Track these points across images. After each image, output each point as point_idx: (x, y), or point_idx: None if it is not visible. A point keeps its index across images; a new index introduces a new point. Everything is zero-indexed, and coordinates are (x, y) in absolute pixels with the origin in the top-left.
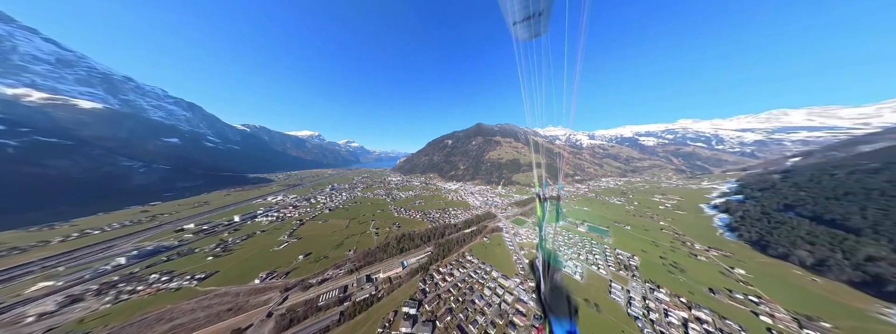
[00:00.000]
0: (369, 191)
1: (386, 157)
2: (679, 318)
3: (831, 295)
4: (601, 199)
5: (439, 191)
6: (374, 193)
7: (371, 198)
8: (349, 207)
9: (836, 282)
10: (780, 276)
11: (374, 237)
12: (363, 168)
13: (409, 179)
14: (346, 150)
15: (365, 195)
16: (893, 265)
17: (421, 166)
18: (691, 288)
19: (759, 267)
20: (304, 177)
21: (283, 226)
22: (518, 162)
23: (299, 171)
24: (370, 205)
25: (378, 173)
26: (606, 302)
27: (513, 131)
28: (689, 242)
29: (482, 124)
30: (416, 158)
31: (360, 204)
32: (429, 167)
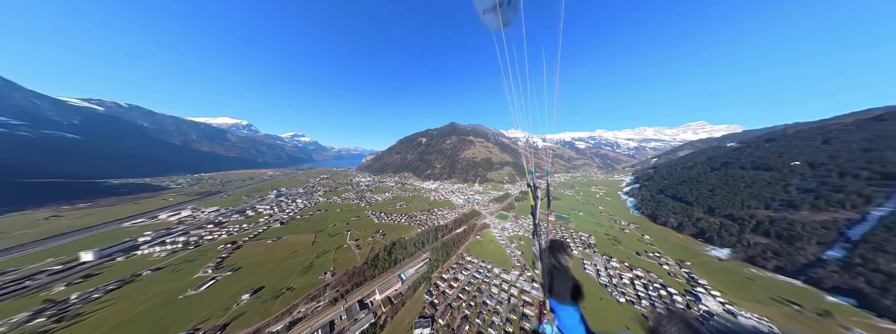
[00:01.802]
0: (335, 195)
1: (347, 155)
2: (628, 278)
3: (688, 245)
4: (559, 192)
5: (419, 191)
6: (343, 198)
7: (339, 204)
8: (310, 217)
9: (688, 237)
10: (666, 237)
11: (356, 251)
12: (320, 167)
13: (382, 179)
14: (292, 146)
15: (330, 200)
16: (707, 222)
17: (393, 165)
18: (627, 254)
19: (654, 232)
20: (227, 180)
21: (201, 255)
22: (491, 161)
23: (218, 173)
24: (341, 213)
25: (341, 173)
26: (582, 276)
27: (483, 132)
28: (617, 220)
29: (456, 123)
30: (387, 157)
31: (327, 211)
32: (403, 166)
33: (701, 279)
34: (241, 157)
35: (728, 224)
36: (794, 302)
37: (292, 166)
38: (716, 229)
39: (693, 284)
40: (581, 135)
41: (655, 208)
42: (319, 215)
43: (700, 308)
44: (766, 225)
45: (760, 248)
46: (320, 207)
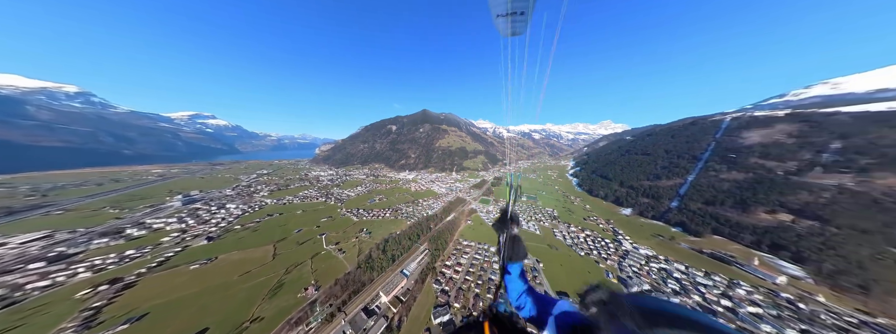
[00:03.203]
0: (288, 193)
1: (293, 145)
2: (582, 237)
3: (611, 208)
4: (526, 176)
5: (396, 182)
6: (302, 196)
7: (299, 205)
8: (258, 225)
9: (610, 203)
10: (598, 205)
11: (340, 256)
12: (253, 161)
13: (349, 172)
14: (193, 132)
15: (282, 201)
16: (619, 191)
17: (360, 155)
18: (578, 220)
19: (592, 202)
20: (50, 185)
21: (30, 317)
22: (465, 150)
23: (23, 175)
24: (305, 215)
25: (288, 167)
26: (556, 242)
27: (456, 121)
28: (568, 196)
29: (428, 111)
30: (350, 146)
31: (283, 215)
32: (372, 156)
33: (619, 230)
34: (75, 148)
35: (629, 191)
36: (660, 234)
37: (201, 159)
38: (623, 196)
39: (615, 234)
40: (535, 128)
41: (591, 185)
42: (272, 221)
43: (621, 249)
44: (647, 190)
45: (644, 205)
46: (270, 211)
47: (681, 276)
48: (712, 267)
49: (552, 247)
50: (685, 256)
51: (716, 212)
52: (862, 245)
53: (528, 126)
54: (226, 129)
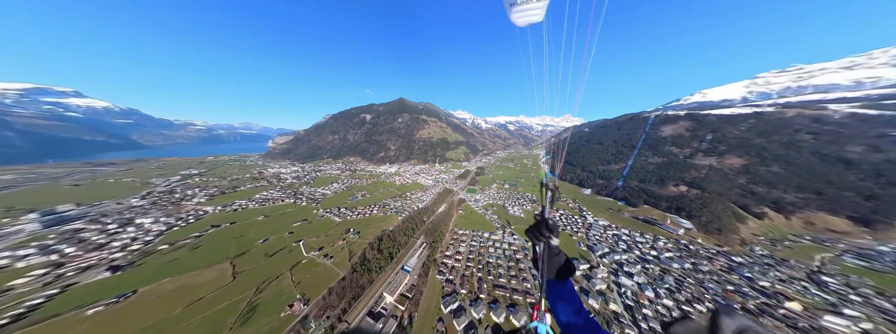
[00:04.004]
0: (237, 197)
1: (232, 137)
2: (558, 216)
3: (576, 190)
4: (505, 166)
5: (378, 176)
6: (260, 199)
7: (257, 210)
8: (199, 240)
9: (576, 186)
10: (567, 188)
11: (327, 262)
12: (167, 159)
13: (319, 167)
14: (40, 116)
15: (231, 207)
16: (582, 175)
17: (330, 148)
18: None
19: (562, 186)
20: None
21: None
22: (447, 141)
23: None
24: (269, 221)
25: (232, 165)
26: None
27: (435, 111)
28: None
29: (406, 100)
30: (315, 138)
31: (236, 224)
32: (344, 149)
33: (583, 207)
34: None
35: (589, 175)
36: (611, 208)
37: (63, 158)
38: (585, 178)
39: (581, 211)
40: (510, 120)
41: (562, 171)
42: (220, 234)
43: (587, 223)
44: (601, 173)
45: (600, 186)
46: (213, 221)
47: (626, 238)
48: (644, 228)
49: None
50: (628, 223)
51: (645, 187)
52: (717, 203)
53: (504, 117)
54: (109, 114)
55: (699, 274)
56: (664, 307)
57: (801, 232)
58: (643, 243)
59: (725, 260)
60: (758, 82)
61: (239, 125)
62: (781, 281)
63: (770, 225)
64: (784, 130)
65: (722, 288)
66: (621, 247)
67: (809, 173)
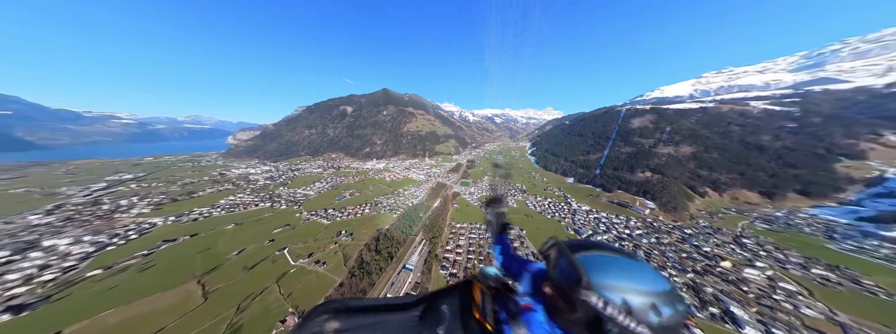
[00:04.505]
0: (199, 204)
1: (178, 132)
2: (545, 204)
3: (560, 179)
4: (493, 157)
5: (365, 173)
6: (225, 206)
7: (225, 218)
8: (151, 258)
9: (560, 175)
10: (552, 178)
11: (320, 269)
12: (79, 161)
13: (296, 166)
14: None
15: (187, 216)
16: (565, 165)
17: (307, 144)
18: (540, 190)
19: (548, 175)
20: None
21: None
22: (436, 134)
23: None
24: (240, 230)
25: (182, 166)
26: (530, 211)
27: (422, 103)
28: (530, 172)
29: (390, 90)
30: (287, 132)
31: (200, 237)
32: (324, 145)
33: (568, 195)
34: None
35: (571, 165)
36: (591, 194)
37: None
38: (567, 168)
39: (566, 198)
40: (497, 113)
41: (546, 161)
42: (179, 249)
43: (572, 209)
44: (582, 162)
45: (581, 174)
46: (167, 235)
47: (605, 220)
48: (618, 211)
49: (528, 215)
50: (605, 207)
51: (619, 174)
52: (673, 186)
53: (491, 110)
54: (11, 108)
55: (661, 246)
56: None
57: (729, 205)
58: (618, 224)
59: (679, 232)
60: (701, 81)
61: (185, 119)
62: (717, 245)
63: (709, 201)
64: (720, 123)
65: (678, 256)
66: (602, 229)
67: (736, 158)
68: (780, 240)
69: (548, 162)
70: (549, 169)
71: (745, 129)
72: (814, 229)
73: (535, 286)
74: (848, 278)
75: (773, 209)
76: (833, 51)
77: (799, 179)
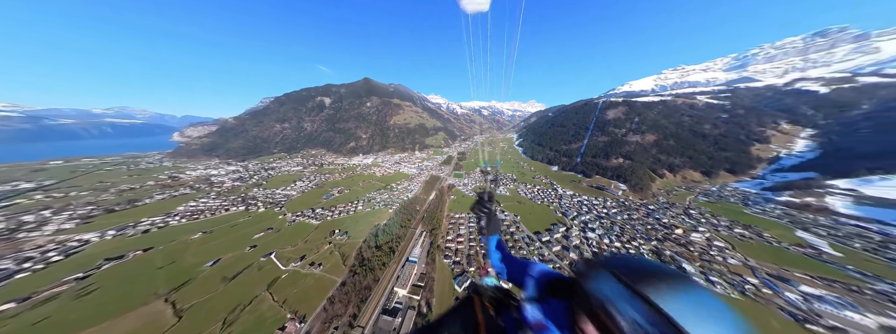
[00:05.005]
0: (149, 213)
1: (96, 129)
2: (535, 191)
3: (546, 167)
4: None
5: (353, 169)
6: (184, 214)
7: (189, 226)
8: (90, 281)
9: (545, 163)
10: (539, 166)
11: (316, 270)
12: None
13: (269, 165)
14: None
15: (135, 229)
16: (550, 154)
17: (280, 140)
18: (529, 179)
19: (535, 164)
20: None
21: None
22: (425, 127)
23: None
24: (211, 238)
25: (114, 170)
26: (522, 198)
27: (408, 94)
28: (519, 162)
29: (372, 80)
30: (253, 127)
31: (157, 250)
32: (301, 140)
33: (554, 182)
34: None
35: (556, 154)
36: (574, 180)
37: None
38: (552, 157)
39: (552, 185)
40: (484, 105)
41: (533, 151)
42: (127, 268)
43: (558, 194)
44: (565, 151)
45: (564, 162)
46: (109, 252)
47: (587, 203)
48: (597, 194)
49: (520, 202)
50: (586, 191)
51: (597, 161)
52: (640, 170)
53: (477, 103)
54: None
55: (632, 221)
56: (615, 247)
57: (680, 184)
58: (598, 205)
59: (645, 209)
60: (661, 77)
61: (106, 111)
62: (672, 217)
63: (666, 182)
64: (675, 114)
65: (645, 228)
66: (584, 210)
67: (686, 144)
68: (714, 209)
69: (534, 152)
70: (535, 158)
71: (693, 119)
72: (736, 199)
73: (541, 290)
74: (755, 233)
75: (710, 185)
76: (753, 54)
77: (728, 160)
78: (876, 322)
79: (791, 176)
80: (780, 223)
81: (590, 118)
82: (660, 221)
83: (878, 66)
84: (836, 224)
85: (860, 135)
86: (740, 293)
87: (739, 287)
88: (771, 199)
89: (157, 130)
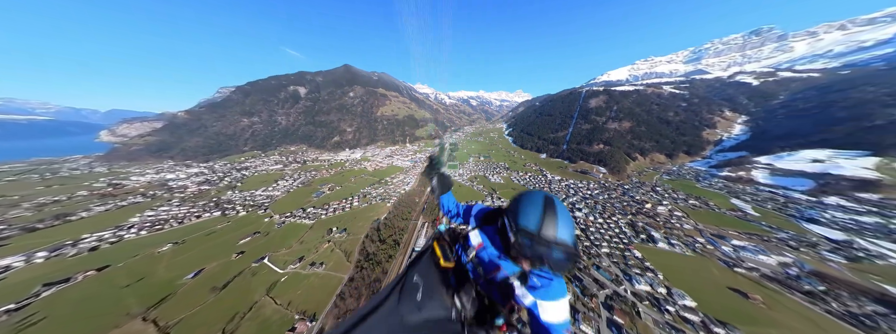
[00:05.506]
0: (80, 230)
1: None
2: (526, 178)
3: (535, 155)
4: (476, 140)
5: (341, 165)
6: (141, 225)
7: (150, 238)
8: (37, 307)
9: (534, 151)
10: (529, 154)
11: (319, 269)
12: None
13: (241, 164)
14: None
15: (83, 246)
16: (538, 142)
17: (250, 137)
18: (520, 167)
19: (525, 153)
20: None
21: None
22: (414, 118)
23: None
24: (183, 252)
25: (20, 181)
26: (515, 184)
27: (394, 84)
28: (510, 151)
29: (353, 68)
30: (213, 122)
31: (123, 265)
32: (275, 136)
33: (543, 169)
34: None
35: (544, 142)
36: (561, 166)
37: None
38: (541, 145)
39: (542, 172)
40: (472, 95)
41: (522, 141)
42: (78, 292)
43: (547, 180)
44: (552, 139)
45: (552, 150)
46: (43, 278)
47: (573, 186)
48: (582, 177)
49: (514, 189)
50: (572, 175)
51: (581, 148)
52: (618, 154)
53: (466, 93)
54: None
55: (612, 199)
56: (598, 225)
57: (649, 166)
58: (582, 188)
59: (621, 188)
60: (634, 67)
61: None
62: (643, 194)
63: (638, 164)
64: (646, 102)
65: (622, 205)
66: (571, 193)
67: (654, 130)
68: (674, 185)
69: (523, 141)
70: (525, 147)
71: (660, 108)
72: (690, 176)
73: (479, 221)
74: (703, 203)
75: (671, 165)
76: (705, 48)
77: (685, 144)
78: (776, 260)
79: (730, 155)
80: (721, 193)
81: (574, 107)
82: (633, 198)
83: (792, 62)
84: (757, 191)
85: (777, 120)
86: (692, 250)
87: (691, 245)
88: (715, 175)
89: (72, 129)
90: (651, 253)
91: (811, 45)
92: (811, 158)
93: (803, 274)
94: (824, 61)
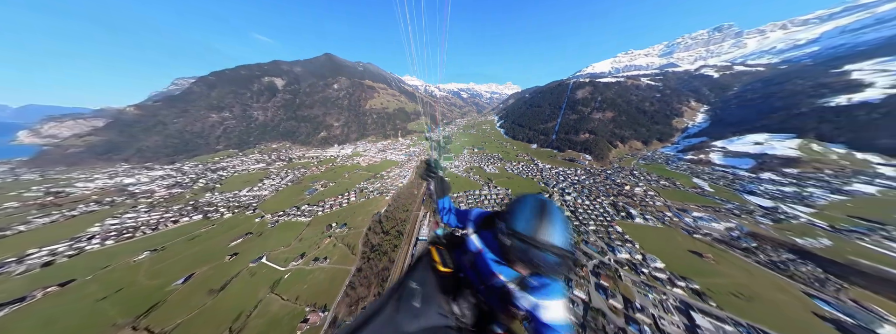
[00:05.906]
0: (31, 245)
1: None
2: (519, 168)
3: (527, 145)
4: (469, 132)
5: (331, 161)
6: (105, 236)
7: (119, 248)
8: None
9: (526, 142)
10: (521, 145)
11: (323, 264)
12: None
13: (216, 164)
14: None
15: (33, 261)
16: (529, 133)
17: (221, 134)
18: (513, 157)
19: (517, 144)
20: None
21: None
22: (404, 111)
23: None
24: (164, 259)
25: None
26: (510, 174)
27: (382, 76)
28: (503, 143)
29: (335, 57)
30: (172, 119)
31: (94, 278)
32: (253, 133)
33: (535, 158)
34: None
35: (534, 133)
36: (551, 155)
37: None
38: (531, 136)
39: (533, 161)
40: (463, 87)
41: (514, 132)
42: (41, 311)
43: (539, 168)
44: (542, 130)
45: (542, 140)
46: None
47: (561, 173)
48: (570, 165)
49: (509, 178)
50: (561, 163)
51: (569, 137)
52: (601, 142)
53: (456, 85)
54: None
55: (596, 184)
56: (585, 206)
57: (628, 152)
58: (570, 174)
59: (604, 174)
60: (616, 60)
61: None
62: (623, 178)
63: (619, 151)
64: (627, 93)
65: (605, 188)
66: (561, 179)
67: (633, 119)
68: (649, 169)
69: (515, 132)
70: (516, 138)
71: (638, 98)
72: (662, 160)
73: (477, 226)
74: (672, 183)
75: (647, 151)
76: (677, 43)
77: (658, 131)
78: (724, 226)
79: (693, 141)
80: (685, 174)
81: (562, 98)
82: (615, 182)
83: (745, 57)
84: (713, 171)
85: (731, 109)
86: (662, 223)
87: (662, 219)
88: (681, 158)
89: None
90: (629, 227)
91: (760, 42)
92: (754, 141)
93: (742, 235)
94: (769, 57)
